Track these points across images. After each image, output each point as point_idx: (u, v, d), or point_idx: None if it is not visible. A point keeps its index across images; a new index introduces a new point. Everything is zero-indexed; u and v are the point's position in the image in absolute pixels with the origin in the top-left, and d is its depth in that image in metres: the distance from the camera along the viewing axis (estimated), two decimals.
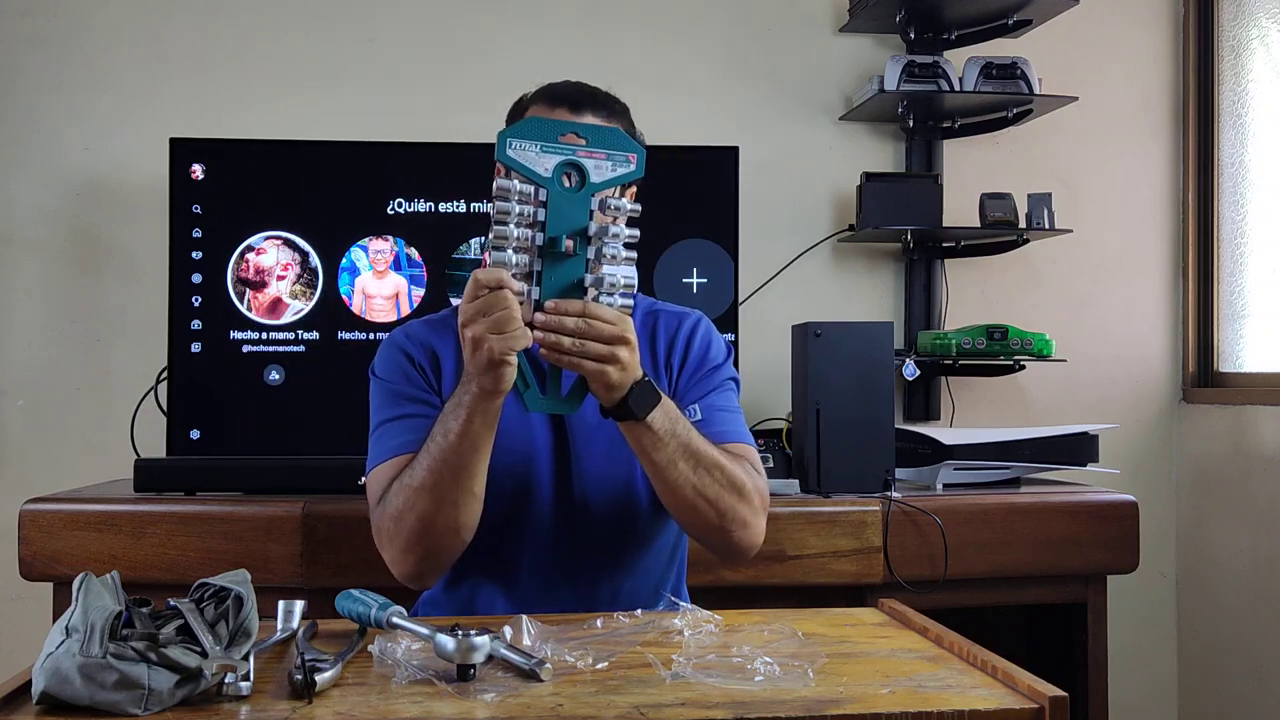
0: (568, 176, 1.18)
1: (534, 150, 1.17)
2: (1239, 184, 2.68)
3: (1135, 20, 2.78)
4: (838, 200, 2.66)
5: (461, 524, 1.36)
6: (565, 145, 1.18)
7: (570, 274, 1.19)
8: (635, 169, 1.21)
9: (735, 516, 1.40)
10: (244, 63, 2.54)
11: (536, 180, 1.17)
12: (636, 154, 1.22)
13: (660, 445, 1.32)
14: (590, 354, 1.20)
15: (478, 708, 0.94)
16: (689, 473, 1.35)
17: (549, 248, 1.17)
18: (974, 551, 2.05)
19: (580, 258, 1.19)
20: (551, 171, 1.18)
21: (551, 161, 1.18)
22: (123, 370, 2.46)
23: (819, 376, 2.10)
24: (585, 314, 1.19)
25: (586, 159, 1.19)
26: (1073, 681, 2.12)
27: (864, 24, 2.63)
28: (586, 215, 1.19)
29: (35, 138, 2.50)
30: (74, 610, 0.95)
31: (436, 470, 1.32)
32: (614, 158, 1.20)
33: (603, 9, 2.62)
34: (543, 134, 1.18)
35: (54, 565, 1.93)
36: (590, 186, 1.19)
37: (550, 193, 1.17)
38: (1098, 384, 2.73)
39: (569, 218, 1.18)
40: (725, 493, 1.38)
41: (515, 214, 1.16)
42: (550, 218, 1.17)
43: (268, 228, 2.25)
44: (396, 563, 1.40)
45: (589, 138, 1.20)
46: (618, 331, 1.21)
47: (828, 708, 0.95)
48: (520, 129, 1.18)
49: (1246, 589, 2.53)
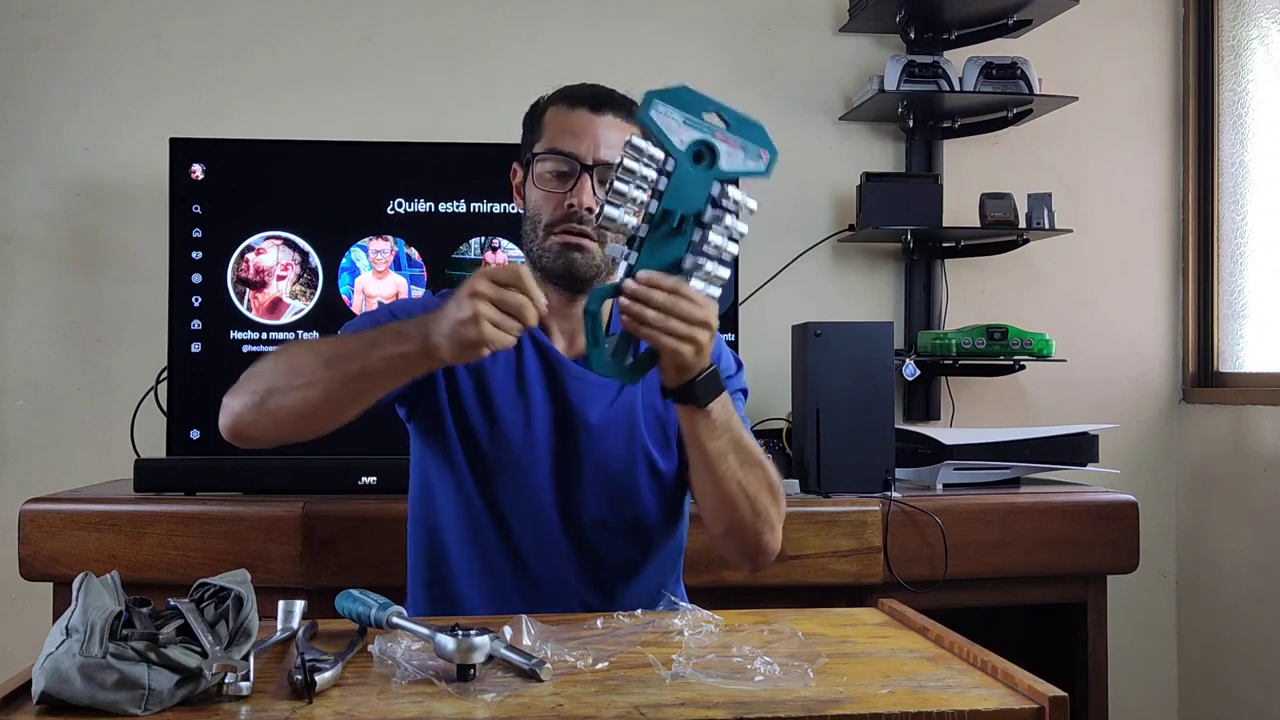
0: (699, 155, 1.15)
1: (677, 119, 1.15)
2: (1239, 184, 2.68)
3: (1135, 20, 2.78)
4: (838, 200, 2.66)
5: (308, 420, 1.31)
6: (706, 124, 1.16)
7: (672, 251, 1.16)
8: (764, 168, 1.18)
9: (768, 518, 1.40)
10: (244, 63, 2.54)
11: (670, 149, 1.14)
12: (770, 153, 1.18)
13: (715, 435, 1.32)
14: (671, 331, 1.18)
15: (478, 708, 0.94)
16: (736, 467, 1.35)
17: (661, 219, 1.15)
18: (974, 551, 2.05)
19: (685, 237, 1.16)
20: (686, 146, 1.15)
21: (690, 135, 1.15)
22: (123, 370, 2.46)
23: (819, 376, 2.10)
24: (676, 290, 1.17)
25: (722, 143, 1.16)
26: (1073, 681, 2.12)
27: (864, 24, 2.63)
28: (705, 198, 1.16)
29: (35, 138, 2.50)
30: (74, 610, 0.95)
31: (332, 365, 1.27)
32: (748, 150, 1.17)
33: (603, 9, 2.62)
34: (690, 105, 1.15)
35: (54, 565, 1.93)
36: (717, 172, 1.16)
37: (678, 166, 1.15)
38: (1098, 384, 2.73)
39: (689, 195, 1.15)
40: (763, 492, 1.38)
41: (640, 176, 1.14)
42: (670, 190, 1.15)
43: (268, 228, 2.25)
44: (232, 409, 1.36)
45: (730, 122, 1.17)
46: (703, 315, 1.19)
47: (828, 708, 0.95)
48: (670, 94, 1.15)
49: (1246, 589, 2.53)
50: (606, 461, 1.48)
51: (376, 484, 2.05)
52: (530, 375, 1.49)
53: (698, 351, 1.21)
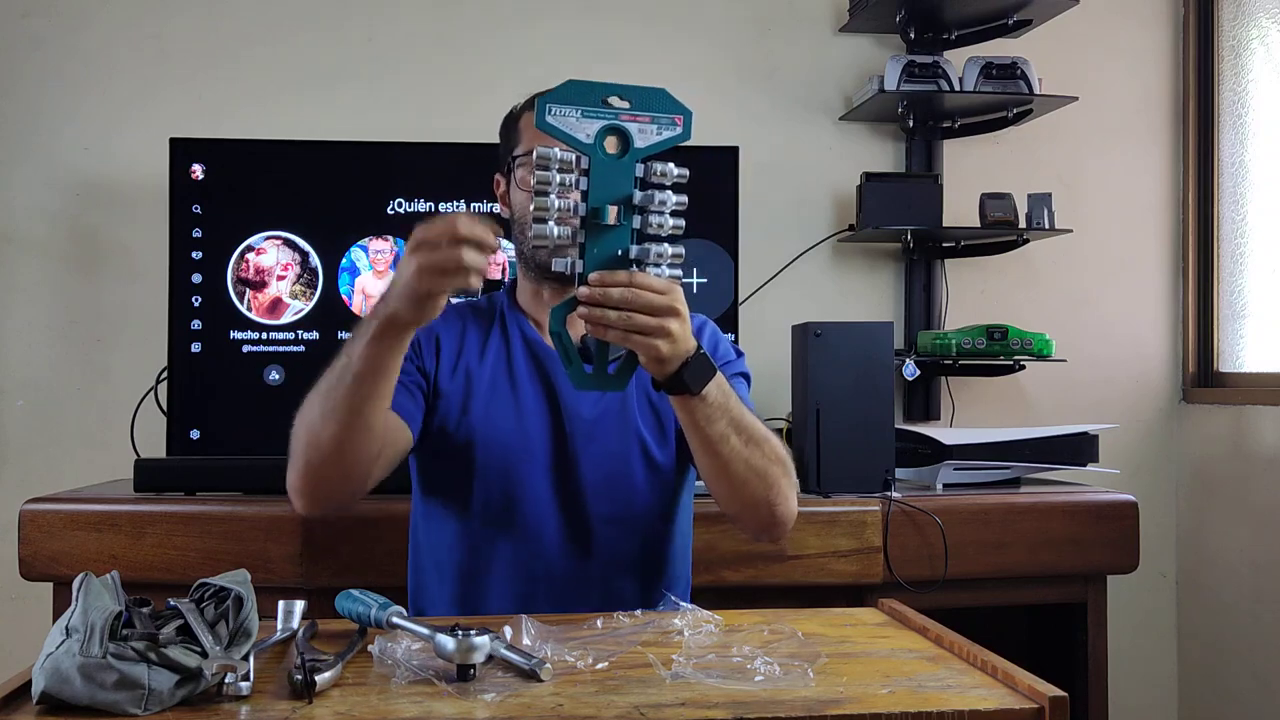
0: (611, 142, 1.12)
1: (574, 115, 1.11)
2: (1239, 184, 2.68)
3: (1135, 20, 2.78)
4: (838, 200, 2.66)
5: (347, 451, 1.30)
6: (608, 109, 1.12)
7: (615, 245, 1.12)
8: (682, 131, 1.14)
9: (780, 489, 1.37)
10: (244, 63, 2.54)
11: (578, 147, 1.11)
12: (684, 115, 1.14)
13: (714, 419, 1.28)
14: (638, 326, 1.14)
15: (478, 708, 0.94)
16: (741, 447, 1.31)
17: (592, 218, 1.11)
18: (974, 551, 2.05)
19: (625, 228, 1.12)
20: (594, 137, 1.11)
21: (593, 126, 1.11)
22: (123, 370, 2.46)
23: (819, 376, 2.10)
24: (631, 284, 1.13)
25: (630, 123, 1.12)
26: (1073, 681, 2.12)
27: (864, 24, 2.63)
28: (631, 183, 1.12)
29: (35, 138, 2.50)
30: (74, 610, 0.95)
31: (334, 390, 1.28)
32: (659, 120, 1.13)
33: (603, 9, 2.62)
34: (583, 97, 1.11)
35: (54, 565, 1.93)
36: (635, 152, 1.12)
37: (592, 160, 1.11)
38: (1098, 384, 2.73)
39: (613, 186, 1.11)
40: (773, 465, 1.35)
41: (556, 183, 1.10)
42: (593, 186, 1.11)
43: (268, 228, 2.25)
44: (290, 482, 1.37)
45: (632, 100, 1.13)
46: (667, 302, 1.14)
47: (828, 708, 0.95)
48: (559, 93, 1.11)
49: (1246, 589, 2.53)
50: (603, 455, 1.48)
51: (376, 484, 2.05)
52: (520, 374, 1.50)
53: (673, 340, 1.17)
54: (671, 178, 1.13)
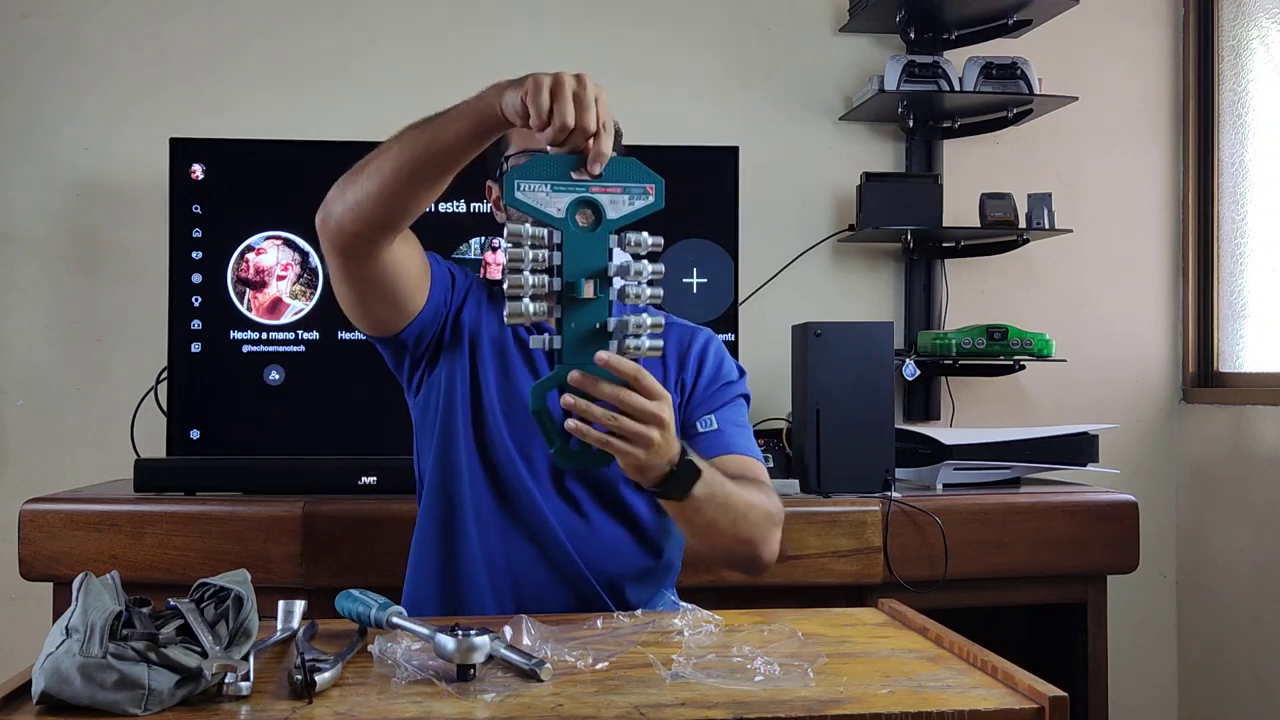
0: (583, 215, 1.11)
1: (544, 190, 1.10)
2: (1239, 184, 2.68)
3: (1135, 20, 2.78)
4: (838, 200, 2.66)
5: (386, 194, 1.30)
6: (578, 182, 1.11)
7: (592, 319, 1.10)
8: (655, 200, 1.13)
9: (766, 544, 1.38)
10: (244, 62, 2.54)
11: (549, 222, 1.10)
12: (655, 184, 1.13)
13: (700, 513, 1.28)
14: (622, 430, 1.11)
15: (478, 708, 0.94)
16: (728, 525, 1.31)
17: (567, 293, 1.09)
18: (974, 551, 2.05)
19: (602, 301, 1.10)
20: (564, 211, 1.10)
21: (563, 200, 1.10)
22: (123, 370, 2.46)
23: (819, 376, 2.10)
24: (619, 399, 1.10)
25: (601, 194, 1.11)
26: (1073, 681, 2.12)
27: (864, 24, 2.63)
28: (605, 255, 1.10)
29: (35, 138, 2.50)
30: (74, 610, 0.95)
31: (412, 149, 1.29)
32: (631, 190, 1.12)
33: (603, 9, 2.62)
34: (552, 171, 1.11)
35: (54, 565, 1.93)
36: (607, 224, 1.11)
37: (565, 234, 1.09)
38: (1098, 384, 2.73)
39: (586, 259, 1.09)
40: (757, 527, 1.36)
41: (529, 260, 1.08)
42: (566, 261, 1.09)
43: (268, 228, 2.25)
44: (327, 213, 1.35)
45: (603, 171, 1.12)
46: (654, 409, 1.12)
47: (828, 708, 0.95)
48: (528, 168, 1.11)
49: (1246, 589, 2.53)
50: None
51: (376, 484, 2.05)
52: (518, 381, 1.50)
53: (654, 451, 1.14)
54: (646, 247, 1.11)
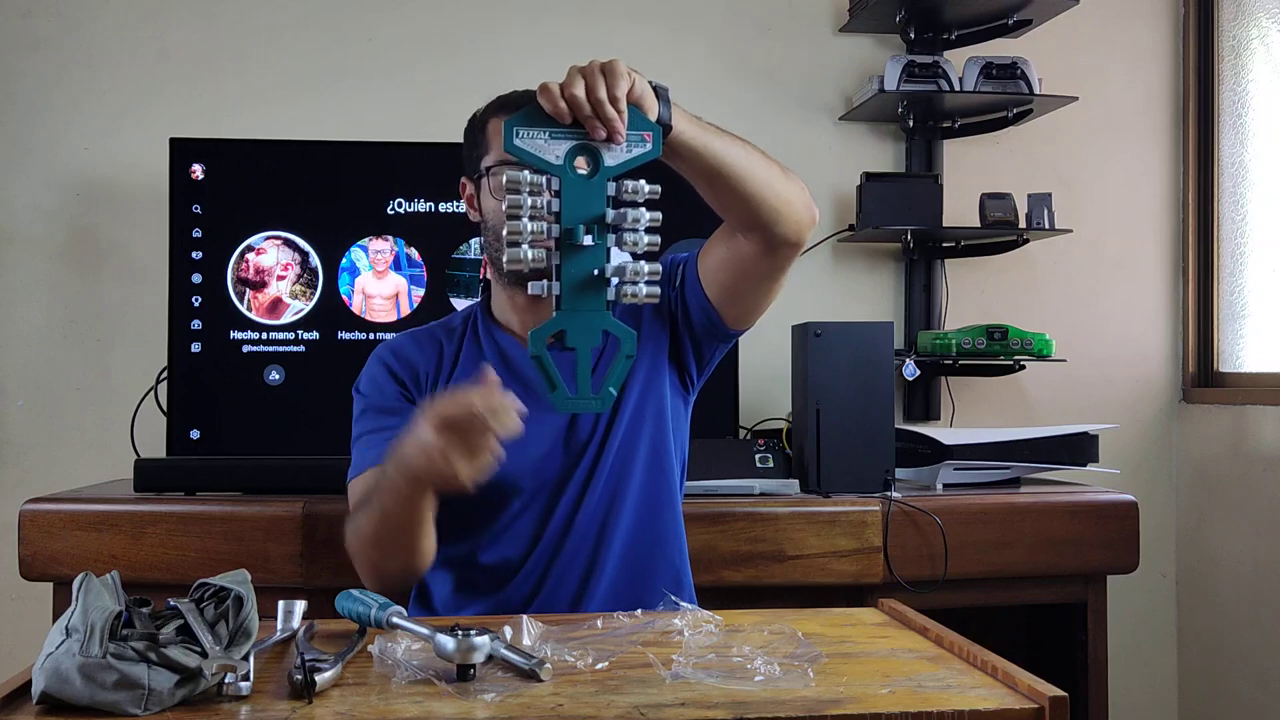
0: (581, 162, 1.11)
1: (542, 137, 1.10)
2: (1239, 184, 2.68)
3: (1135, 20, 2.78)
4: (838, 200, 2.66)
5: (408, 565, 1.41)
6: (575, 129, 1.11)
7: (590, 265, 1.10)
8: (652, 148, 1.13)
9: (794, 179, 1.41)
10: (244, 63, 2.54)
11: (547, 169, 1.10)
12: (653, 131, 1.13)
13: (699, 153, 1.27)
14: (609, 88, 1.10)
15: (478, 708, 0.94)
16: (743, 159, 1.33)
17: (566, 239, 1.09)
18: (974, 551, 2.05)
19: (600, 247, 1.10)
20: (563, 158, 1.10)
21: (562, 147, 1.10)
22: (123, 370, 2.46)
23: (819, 376, 2.10)
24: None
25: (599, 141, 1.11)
26: (1073, 681, 2.12)
27: (864, 24, 2.63)
28: (603, 202, 1.10)
29: (35, 138, 2.50)
30: (74, 610, 0.95)
31: (379, 527, 1.37)
32: (629, 137, 1.12)
33: (603, 9, 2.62)
34: (549, 118, 1.11)
35: (54, 565, 1.93)
36: (605, 171, 1.11)
37: (563, 181, 1.10)
38: (1098, 384, 2.73)
39: (585, 206, 1.10)
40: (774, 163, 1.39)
41: (528, 206, 1.08)
42: (565, 208, 1.09)
43: (268, 228, 2.25)
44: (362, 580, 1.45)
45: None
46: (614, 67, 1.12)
47: (828, 708, 0.95)
48: (526, 116, 1.11)
49: (1246, 589, 2.53)
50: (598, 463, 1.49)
51: None
52: None
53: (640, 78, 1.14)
54: (644, 194, 1.12)
